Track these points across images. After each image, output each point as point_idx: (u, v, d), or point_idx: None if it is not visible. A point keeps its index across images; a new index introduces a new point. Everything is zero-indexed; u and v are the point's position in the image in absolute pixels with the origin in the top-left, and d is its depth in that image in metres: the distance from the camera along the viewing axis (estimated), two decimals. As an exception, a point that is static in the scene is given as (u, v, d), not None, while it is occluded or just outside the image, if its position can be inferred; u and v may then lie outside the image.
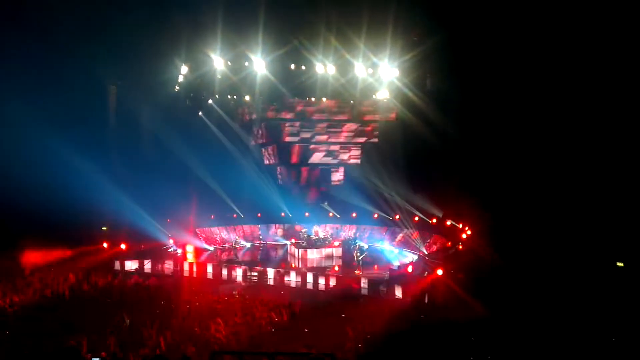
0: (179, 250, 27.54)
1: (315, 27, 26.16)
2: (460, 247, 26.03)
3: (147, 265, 25.47)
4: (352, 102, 32.51)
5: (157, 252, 26.24)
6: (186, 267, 25.50)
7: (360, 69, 29.02)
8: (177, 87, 30.29)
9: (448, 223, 30.07)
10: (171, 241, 27.69)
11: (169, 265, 25.69)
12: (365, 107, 33.73)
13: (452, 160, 29.36)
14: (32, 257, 22.99)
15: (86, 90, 27.34)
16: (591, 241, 20.99)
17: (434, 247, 28.65)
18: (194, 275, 25.13)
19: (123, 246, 25.04)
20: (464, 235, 27.01)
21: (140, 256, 25.53)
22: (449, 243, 26.65)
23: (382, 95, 32.15)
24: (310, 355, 10.51)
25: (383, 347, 13.77)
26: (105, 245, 25.03)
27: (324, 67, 28.61)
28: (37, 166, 24.97)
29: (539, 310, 15.88)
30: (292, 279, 23.84)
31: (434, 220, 30.98)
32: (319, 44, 27.23)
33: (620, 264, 20.27)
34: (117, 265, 24.99)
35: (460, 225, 28.73)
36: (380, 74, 29.96)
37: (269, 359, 10.76)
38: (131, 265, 25.09)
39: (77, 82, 26.28)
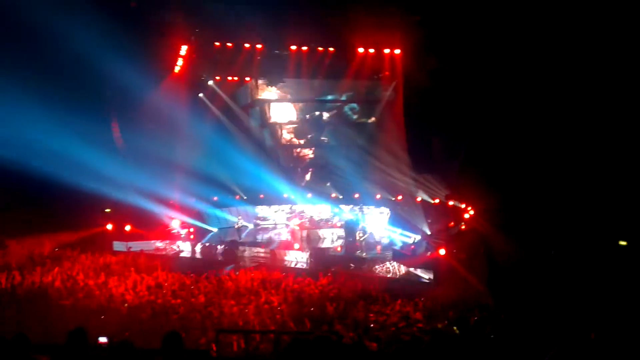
0: (183, 231, 27.73)
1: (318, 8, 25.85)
2: (463, 227, 26.09)
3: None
4: (354, 82, 32.28)
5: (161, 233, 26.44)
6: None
7: (362, 49, 28.78)
8: (177, 68, 30.03)
9: (451, 203, 30.06)
10: (175, 222, 27.89)
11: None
12: (368, 86, 33.49)
13: (456, 140, 29.20)
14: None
15: (84, 72, 27.04)
16: (593, 220, 20.89)
17: (437, 227, 28.68)
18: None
19: (128, 227, 25.15)
20: (466, 215, 27.03)
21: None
22: (452, 223, 26.70)
23: (385, 75, 31.90)
24: (315, 333, 10.60)
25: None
26: (109, 227, 25.08)
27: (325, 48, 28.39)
28: (38, 150, 24.71)
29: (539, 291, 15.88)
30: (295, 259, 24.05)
31: (437, 201, 30.98)
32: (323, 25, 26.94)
33: (623, 243, 20.21)
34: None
35: (463, 206, 28.71)
36: (382, 53, 29.70)
37: (275, 337, 10.92)
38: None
39: (76, 65, 25.96)
